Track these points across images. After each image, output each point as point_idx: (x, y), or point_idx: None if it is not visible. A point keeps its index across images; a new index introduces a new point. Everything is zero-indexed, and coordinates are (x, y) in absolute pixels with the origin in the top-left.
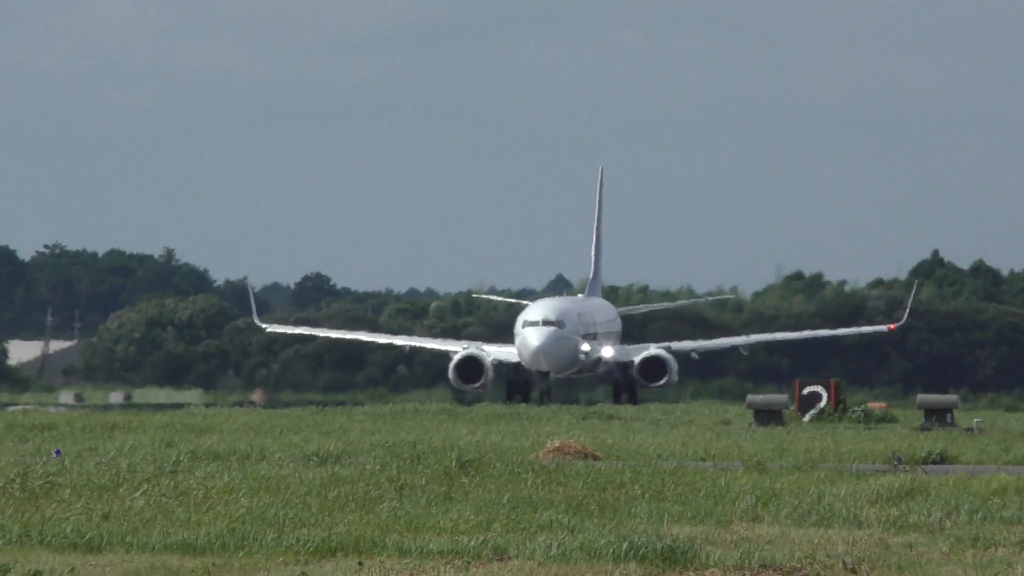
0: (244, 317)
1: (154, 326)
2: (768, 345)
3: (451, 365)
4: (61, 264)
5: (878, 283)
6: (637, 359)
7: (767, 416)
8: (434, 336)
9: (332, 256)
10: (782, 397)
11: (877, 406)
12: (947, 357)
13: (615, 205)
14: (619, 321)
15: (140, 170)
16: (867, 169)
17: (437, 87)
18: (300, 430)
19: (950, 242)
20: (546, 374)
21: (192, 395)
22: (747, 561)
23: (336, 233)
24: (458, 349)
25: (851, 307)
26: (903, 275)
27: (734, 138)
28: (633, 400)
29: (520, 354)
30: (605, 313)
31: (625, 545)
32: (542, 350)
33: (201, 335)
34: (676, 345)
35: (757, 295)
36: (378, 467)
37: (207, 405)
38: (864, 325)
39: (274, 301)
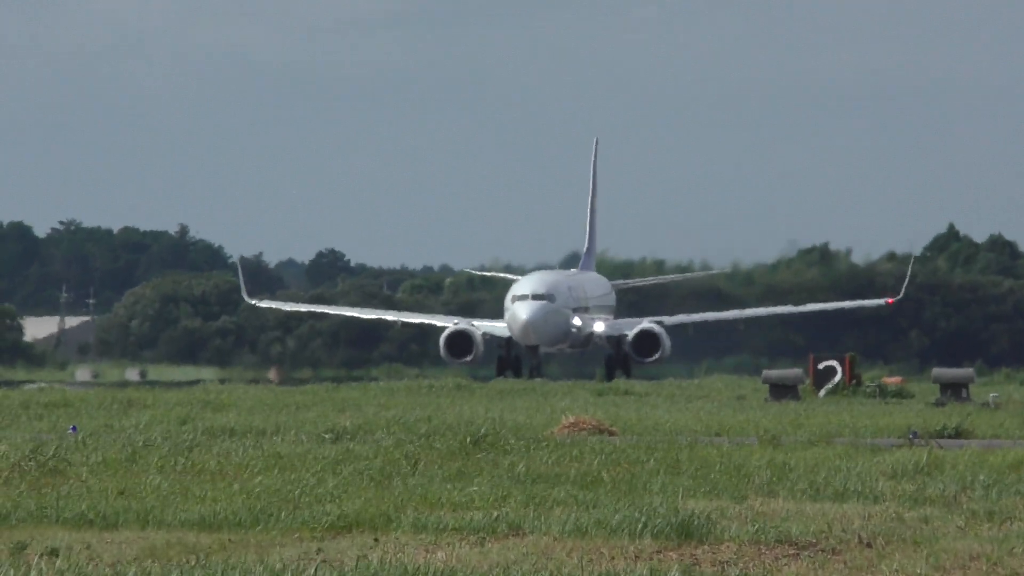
0: (259, 294)
1: (168, 303)
2: (782, 320)
3: (441, 340)
4: (76, 240)
5: (892, 257)
6: (630, 334)
7: (782, 391)
8: (449, 313)
9: (347, 233)
10: (797, 372)
11: (892, 381)
12: (963, 331)
13: (632, 181)
14: (613, 295)
15: (155, 147)
16: (882, 143)
17: (451, 63)
18: (315, 407)
19: (966, 216)
20: (536, 348)
21: (207, 372)
22: (763, 536)
23: (351, 210)
24: (448, 324)
25: (864, 281)
26: (918, 249)
27: (750, 112)
28: (627, 375)
29: (510, 328)
30: (598, 287)
31: (641, 520)
32: (531, 324)
33: (216, 311)
34: (669, 320)
35: (772, 268)
36: (393, 443)
37: (222, 382)
38: (875, 299)
39: (289, 277)
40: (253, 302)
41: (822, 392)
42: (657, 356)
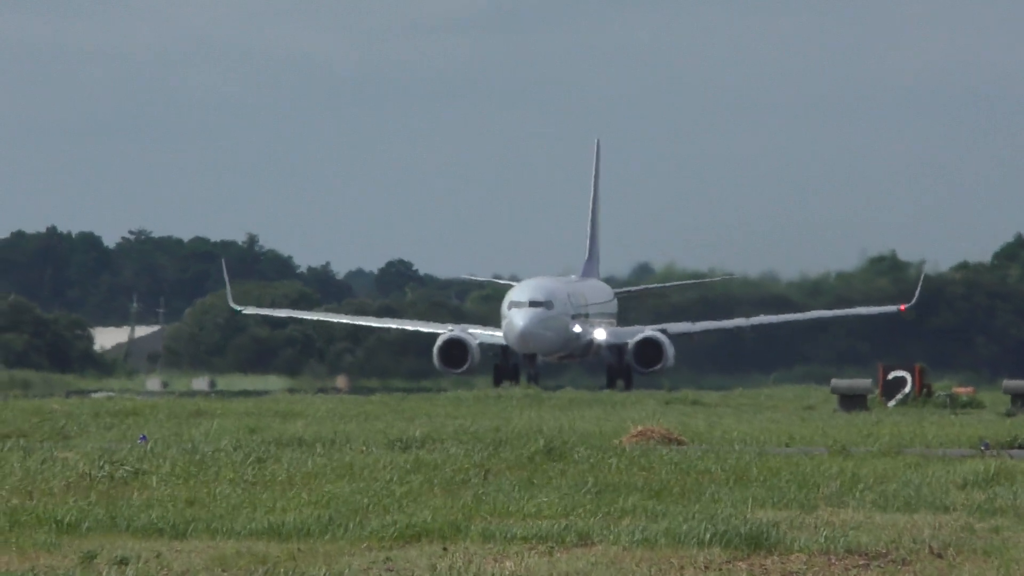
0: (327, 303)
1: (237, 312)
2: (850, 330)
3: (434, 348)
4: (146, 251)
5: (962, 266)
6: (631, 342)
7: (851, 401)
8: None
9: (415, 242)
10: (866, 382)
11: (963, 391)
12: None
13: (699, 193)
14: (615, 303)
15: (224, 156)
16: (951, 150)
17: (518, 70)
18: (384, 416)
19: None
20: (533, 357)
21: (276, 381)
22: (832, 546)
23: (419, 219)
24: (443, 331)
25: (932, 290)
26: (987, 257)
27: (816, 118)
28: (628, 386)
29: (506, 336)
30: (599, 294)
31: (709, 530)
32: (528, 332)
33: (284, 321)
34: (673, 327)
35: (839, 277)
36: (461, 452)
37: (291, 391)
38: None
39: (357, 287)
40: (239, 309)
41: (891, 402)
42: (659, 366)
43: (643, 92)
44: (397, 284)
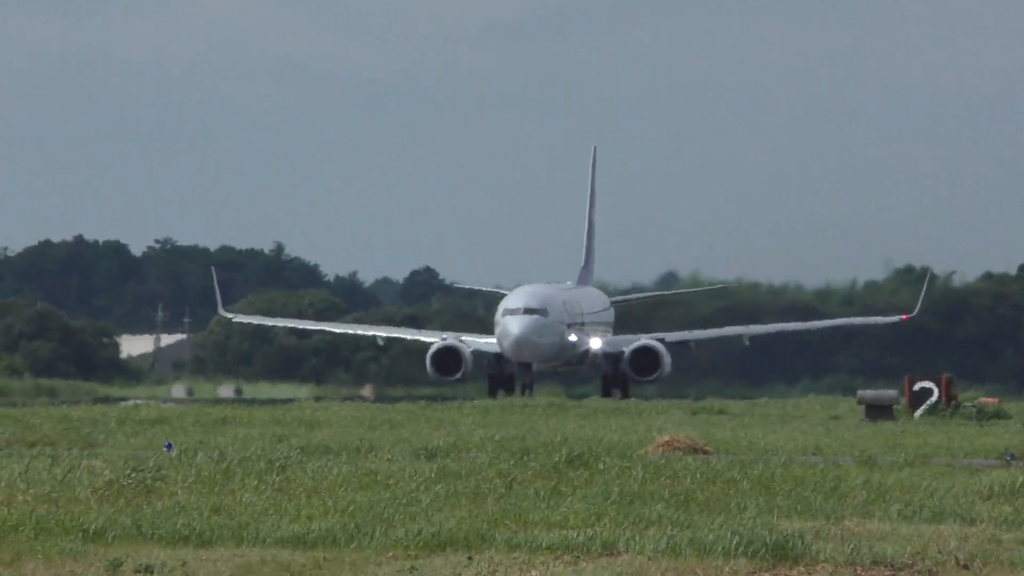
0: (354, 312)
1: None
2: (878, 341)
3: (427, 356)
4: (172, 259)
5: (988, 277)
6: (628, 351)
7: (878, 411)
8: None
9: (442, 251)
10: (893, 392)
11: (989, 401)
12: None
13: (724, 203)
14: (612, 311)
15: (251, 164)
16: (976, 160)
17: (548, 79)
18: (409, 424)
19: None
20: (528, 366)
21: (302, 390)
22: (858, 557)
23: (446, 228)
24: (436, 340)
25: (958, 301)
26: (1012, 269)
27: (842, 127)
28: (624, 395)
29: (500, 344)
30: (595, 302)
31: (735, 540)
32: (522, 339)
33: (311, 329)
34: (671, 336)
35: (867, 287)
36: (487, 461)
37: (317, 399)
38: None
39: (383, 296)
40: (229, 316)
41: (918, 413)
42: (656, 374)
43: (655, 96)
44: (423, 293)
